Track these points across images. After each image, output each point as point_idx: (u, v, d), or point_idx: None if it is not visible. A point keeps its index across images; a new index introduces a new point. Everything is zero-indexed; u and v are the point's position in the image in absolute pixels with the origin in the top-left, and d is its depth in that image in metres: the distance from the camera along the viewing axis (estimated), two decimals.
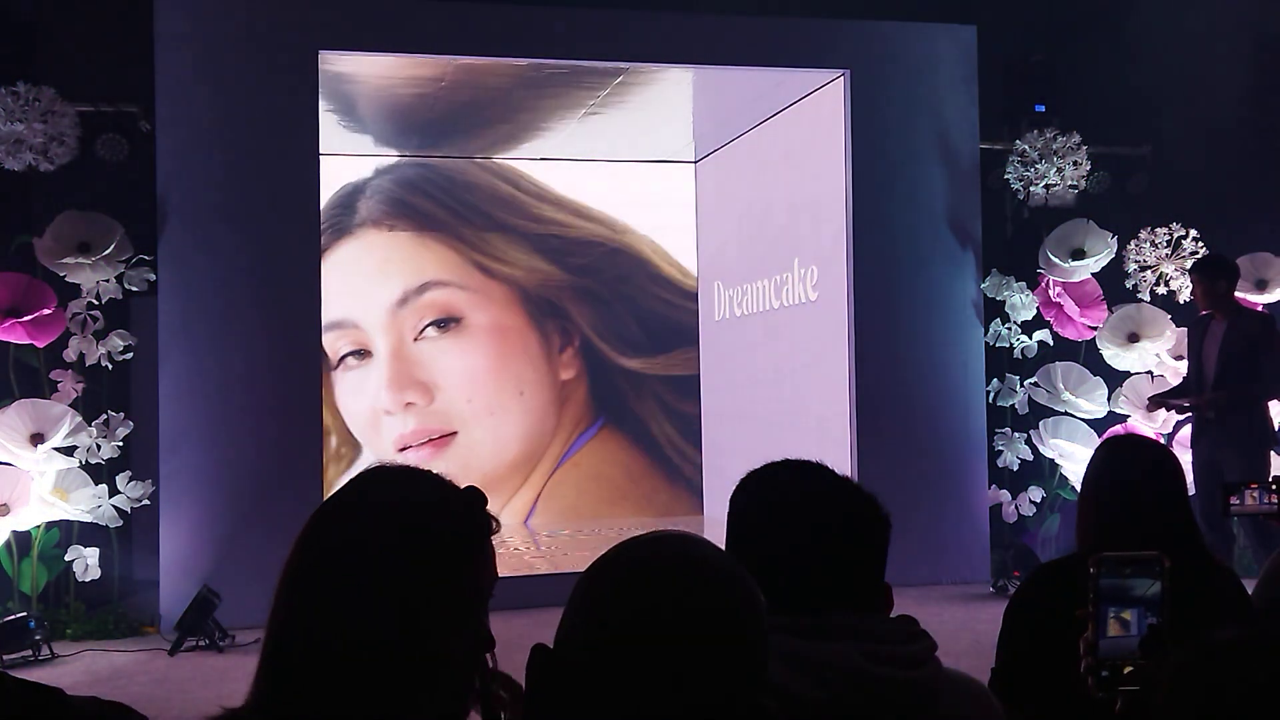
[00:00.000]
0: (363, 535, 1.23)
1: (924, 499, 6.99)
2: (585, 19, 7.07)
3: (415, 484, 1.29)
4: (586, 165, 9.35)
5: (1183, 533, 2.30)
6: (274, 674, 1.22)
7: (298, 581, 1.24)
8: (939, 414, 7.26)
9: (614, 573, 1.08)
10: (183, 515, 6.38)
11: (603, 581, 1.08)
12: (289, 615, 1.23)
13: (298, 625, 1.22)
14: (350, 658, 1.18)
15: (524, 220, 9.29)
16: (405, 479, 1.29)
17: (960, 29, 7.41)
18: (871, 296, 7.18)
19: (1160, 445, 2.53)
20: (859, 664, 1.33)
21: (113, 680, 5.41)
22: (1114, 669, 1.35)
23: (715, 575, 1.07)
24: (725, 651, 1.04)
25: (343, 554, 1.22)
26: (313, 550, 1.24)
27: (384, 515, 1.24)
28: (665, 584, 1.05)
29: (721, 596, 1.06)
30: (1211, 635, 1.17)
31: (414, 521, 1.24)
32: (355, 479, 1.30)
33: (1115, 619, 1.35)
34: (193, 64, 6.50)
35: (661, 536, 1.11)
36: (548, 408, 9.29)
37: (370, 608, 1.19)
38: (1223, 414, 6.02)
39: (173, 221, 6.47)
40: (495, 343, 9.18)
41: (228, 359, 6.47)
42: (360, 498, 1.28)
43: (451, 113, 8.08)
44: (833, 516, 1.44)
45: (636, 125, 8.47)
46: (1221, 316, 6.14)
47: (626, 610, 1.04)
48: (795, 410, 7.90)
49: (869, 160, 7.20)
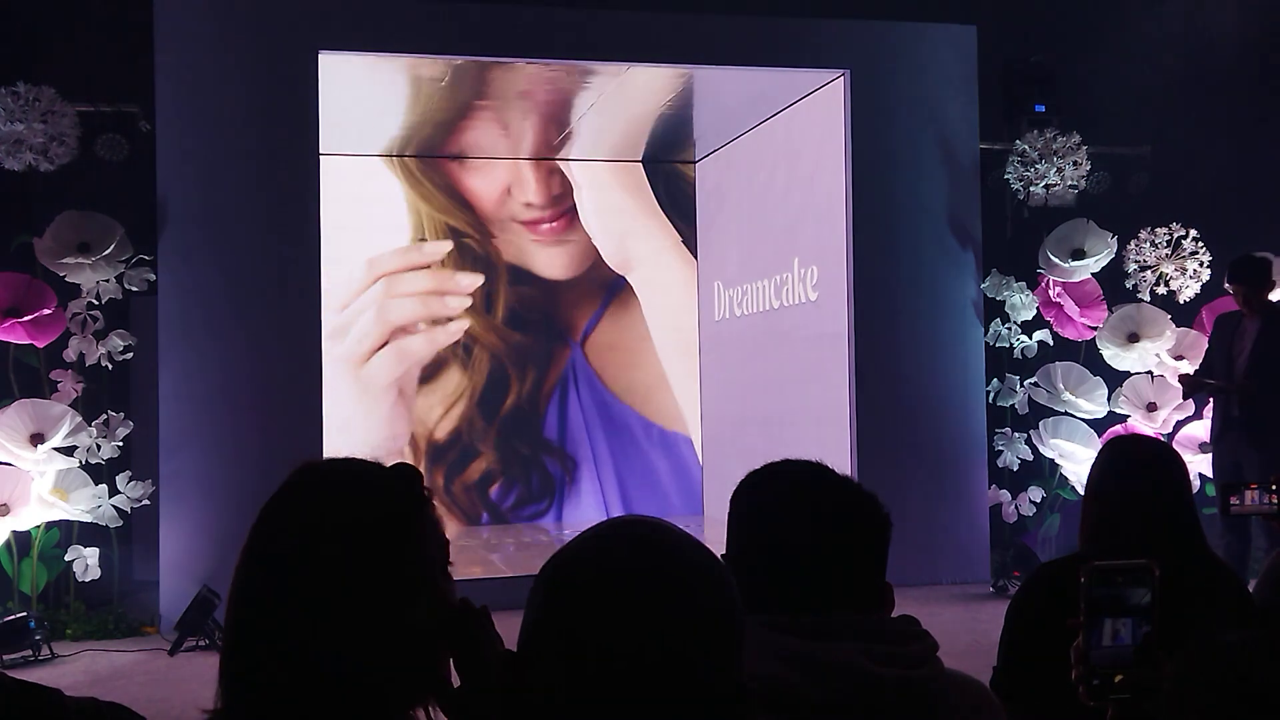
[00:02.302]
0: (302, 538, 1.26)
1: (924, 499, 6.99)
2: (585, 19, 7.07)
3: (345, 476, 1.33)
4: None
5: (1185, 532, 2.30)
6: (240, 682, 1.25)
7: (248, 593, 1.27)
8: (939, 414, 7.26)
9: (579, 578, 1.03)
10: (183, 515, 6.38)
11: (567, 588, 1.03)
12: (246, 629, 1.26)
13: (257, 634, 1.25)
14: (311, 655, 1.21)
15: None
16: (334, 473, 1.33)
17: (960, 29, 7.41)
18: (871, 296, 7.17)
19: (1164, 445, 2.52)
20: (860, 664, 1.33)
21: (112, 680, 5.41)
22: (1105, 677, 1.36)
23: (687, 570, 1.04)
24: (705, 647, 1.01)
25: (286, 559, 1.26)
26: (257, 561, 1.28)
27: (319, 512, 1.28)
28: (637, 587, 1.01)
29: (697, 592, 1.02)
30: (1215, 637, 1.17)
31: (349, 513, 1.27)
32: (286, 482, 1.32)
33: (1106, 628, 1.36)
34: (193, 64, 6.50)
35: (621, 533, 1.07)
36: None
37: (321, 606, 1.22)
38: (1249, 416, 5.92)
39: (173, 221, 6.47)
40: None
41: (228, 359, 6.47)
42: (294, 501, 1.31)
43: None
44: (833, 516, 1.44)
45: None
46: (1255, 315, 6.03)
47: (598, 618, 0.99)
48: (795, 410, 7.90)
49: (869, 160, 7.20)
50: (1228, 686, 1.12)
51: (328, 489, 1.31)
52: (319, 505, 1.28)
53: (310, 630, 1.22)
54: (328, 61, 6.71)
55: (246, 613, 1.26)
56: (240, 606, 1.27)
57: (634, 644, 0.98)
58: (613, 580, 1.02)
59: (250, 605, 1.27)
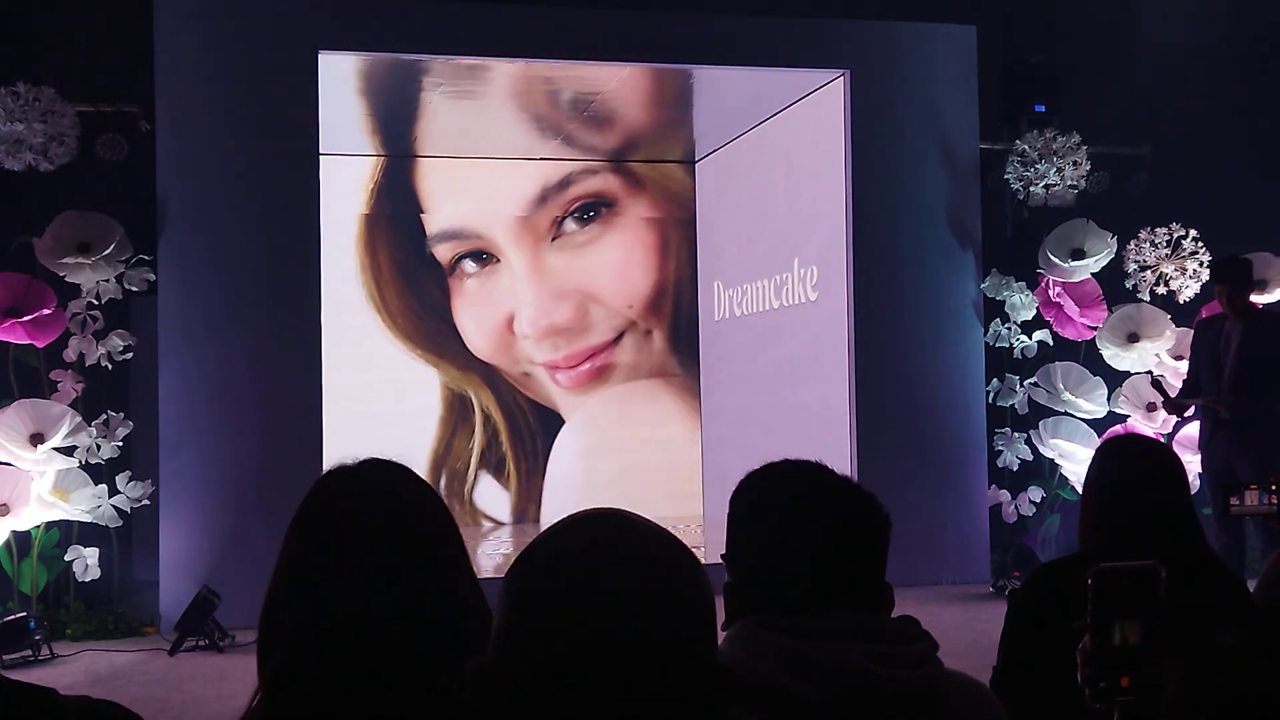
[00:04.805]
0: (356, 522, 1.39)
1: (924, 499, 6.99)
2: (585, 19, 7.07)
3: (396, 476, 1.47)
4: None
5: (1185, 532, 2.30)
6: (279, 661, 1.34)
7: (304, 563, 1.39)
8: (939, 414, 7.26)
9: (548, 579, 1.02)
10: (183, 515, 6.38)
11: (538, 590, 1.02)
12: (306, 591, 1.37)
13: (318, 597, 1.35)
14: (369, 619, 1.32)
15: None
16: (385, 472, 1.47)
17: (960, 29, 7.41)
18: (871, 296, 7.17)
19: (1161, 445, 2.52)
20: (860, 664, 1.33)
21: (112, 680, 5.41)
22: (1111, 680, 1.36)
23: (658, 556, 1.03)
24: (679, 633, 1.00)
25: (339, 538, 1.38)
26: (311, 535, 1.41)
27: (374, 503, 1.41)
28: (609, 574, 1.00)
29: (668, 578, 1.02)
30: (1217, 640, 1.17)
31: (396, 507, 1.41)
32: (339, 470, 1.46)
33: (1112, 630, 1.36)
34: (192, 64, 6.50)
35: (589, 524, 1.06)
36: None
37: (383, 573, 1.34)
38: (1239, 417, 5.93)
39: (173, 221, 6.47)
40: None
41: (228, 359, 6.47)
42: (350, 486, 1.44)
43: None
44: (833, 516, 1.44)
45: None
46: (1237, 318, 6.00)
47: (570, 621, 0.98)
48: (795, 410, 7.90)
49: (869, 160, 7.20)
50: (1229, 689, 1.12)
51: (380, 471, 1.45)
52: (373, 481, 1.44)
53: (369, 594, 1.33)
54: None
55: (306, 577, 1.38)
56: (298, 573, 1.39)
57: (609, 631, 0.98)
58: (584, 568, 1.01)
59: (309, 571, 1.38)
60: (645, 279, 9.39)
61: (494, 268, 9.13)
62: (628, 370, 9.37)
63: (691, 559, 1.06)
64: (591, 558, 1.02)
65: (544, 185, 9.17)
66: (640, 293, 9.35)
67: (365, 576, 1.34)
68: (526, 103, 7.95)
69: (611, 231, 9.33)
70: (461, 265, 9.11)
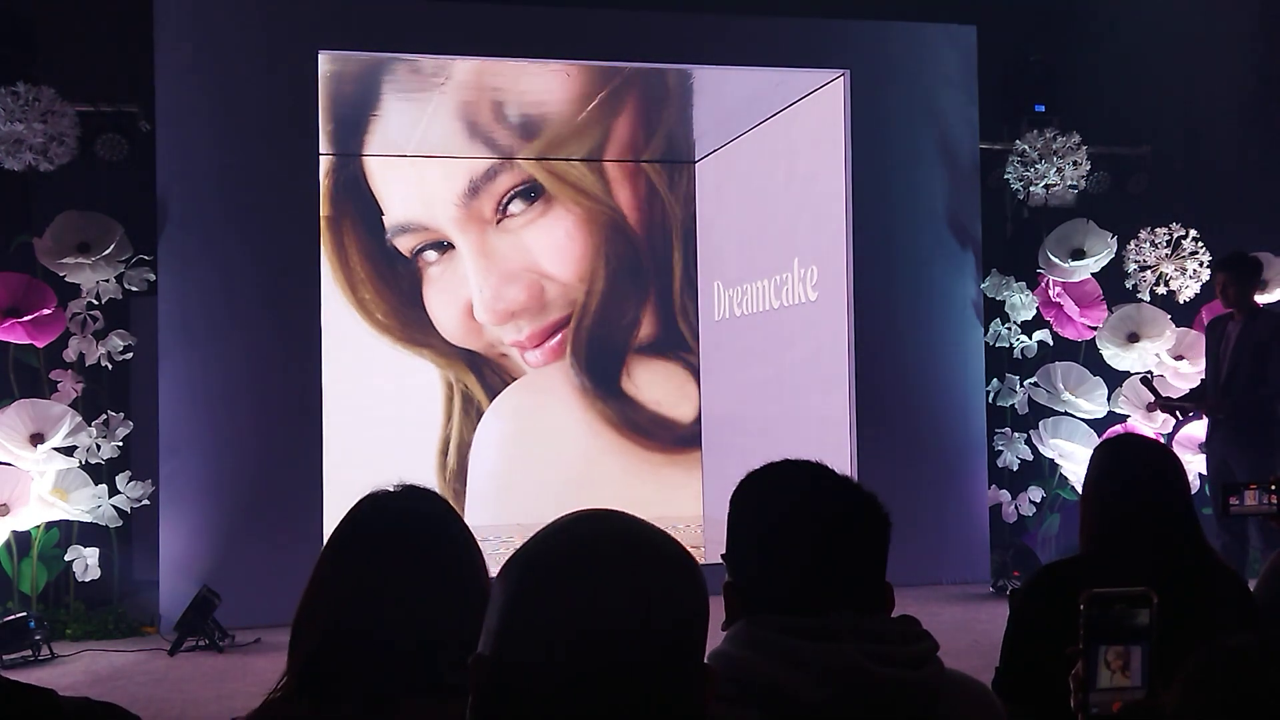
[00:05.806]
0: (398, 542, 1.51)
1: (924, 499, 6.98)
2: (585, 19, 7.07)
3: (432, 500, 1.60)
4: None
5: (1185, 532, 2.30)
6: (311, 649, 1.44)
7: (342, 573, 1.49)
8: (939, 414, 7.26)
9: (551, 578, 1.02)
10: (182, 515, 6.38)
11: (542, 588, 1.02)
12: (338, 603, 1.46)
13: (350, 608, 1.45)
14: (395, 628, 1.42)
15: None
16: (421, 496, 1.60)
17: (960, 29, 7.41)
18: (871, 296, 7.17)
19: (1161, 445, 2.52)
20: (860, 664, 1.33)
21: (112, 680, 5.41)
22: (1103, 705, 1.36)
23: (653, 552, 1.03)
24: (674, 629, 1.01)
25: (380, 543, 1.50)
26: (353, 544, 1.52)
27: (413, 521, 1.53)
28: (606, 571, 1.00)
29: (663, 574, 1.02)
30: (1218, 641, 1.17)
31: (434, 528, 1.53)
32: (380, 494, 1.57)
33: (1105, 655, 1.36)
34: (192, 64, 6.50)
35: (584, 522, 1.06)
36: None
37: (414, 585, 1.45)
38: (1232, 414, 5.96)
39: (173, 221, 6.47)
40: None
41: (228, 359, 6.47)
42: (389, 505, 1.55)
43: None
44: (833, 516, 1.44)
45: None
46: (1239, 316, 6.01)
47: (568, 604, 0.99)
48: (795, 410, 7.90)
49: (869, 160, 7.20)
50: (1236, 690, 1.12)
51: (410, 495, 1.58)
52: (407, 502, 1.56)
53: (397, 605, 1.43)
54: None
55: (341, 589, 1.48)
56: (333, 584, 1.49)
57: (602, 626, 0.98)
58: (580, 565, 1.01)
59: (344, 583, 1.48)
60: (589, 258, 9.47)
61: (453, 254, 9.20)
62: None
63: (688, 558, 1.06)
64: (597, 544, 1.03)
65: (471, 177, 9.19)
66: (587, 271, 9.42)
67: (401, 593, 1.45)
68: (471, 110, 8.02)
69: (556, 207, 9.35)
70: (423, 255, 9.16)
